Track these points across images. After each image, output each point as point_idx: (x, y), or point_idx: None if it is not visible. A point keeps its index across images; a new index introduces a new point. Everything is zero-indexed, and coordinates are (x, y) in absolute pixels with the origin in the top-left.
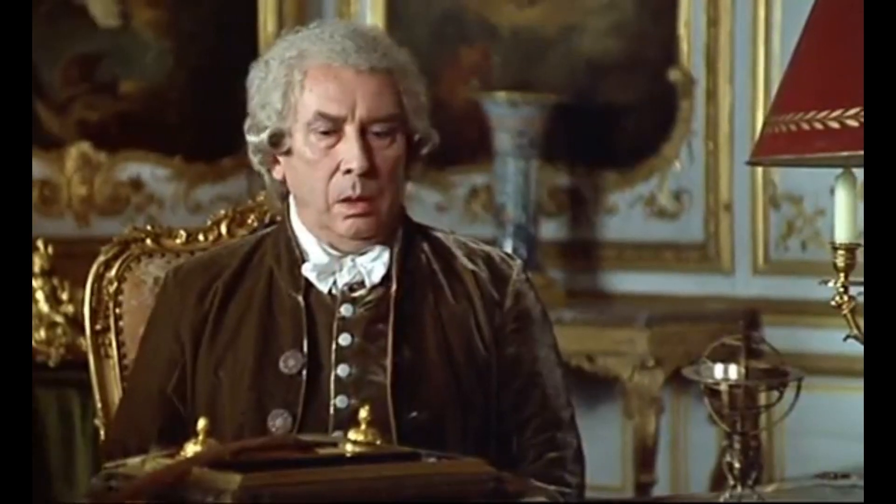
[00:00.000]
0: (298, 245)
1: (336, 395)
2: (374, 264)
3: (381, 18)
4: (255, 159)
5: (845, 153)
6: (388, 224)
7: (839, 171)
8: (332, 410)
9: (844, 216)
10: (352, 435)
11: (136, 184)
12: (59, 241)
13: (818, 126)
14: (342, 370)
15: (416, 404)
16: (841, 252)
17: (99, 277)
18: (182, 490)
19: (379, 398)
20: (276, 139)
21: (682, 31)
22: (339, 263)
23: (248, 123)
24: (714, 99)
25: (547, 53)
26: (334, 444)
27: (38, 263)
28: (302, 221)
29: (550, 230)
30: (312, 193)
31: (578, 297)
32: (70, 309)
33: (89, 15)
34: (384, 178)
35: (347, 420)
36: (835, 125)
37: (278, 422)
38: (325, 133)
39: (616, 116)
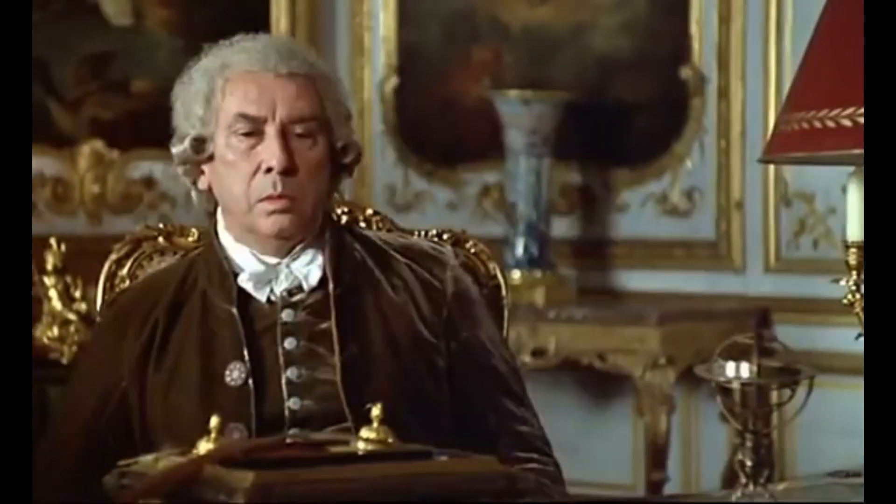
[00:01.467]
0: (227, 258)
1: (289, 397)
2: (309, 268)
3: (392, 17)
4: (180, 171)
5: (857, 151)
6: (312, 225)
7: (851, 168)
8: (286, 413)
9: (856, 214)
10: (364, 433)
11: (149, 182)
12: (72, 238)
13: (830, 124)
14: (292, 373)
15: (367, 398)
16: (853, 250)
17: (111, 275)
18: (195, 488)
19: (331, 395)
20: (198, 145)
21: (693, 29)
22: (275, 271)
23: (172, 140)
24: (726, 97)
25: (558, 51)
26: (346, 443)
27: (50, 261)
28: (232, 233)
29: (562, 228)
30: (234, 195)
31: (590, 295)
32: (83, 307)
33: (102, 13)
34: (305, 177)
35: (303, 420)
36: (847, 123)
37: (235, 435)
38: (246, 135)
39: (627, 114)
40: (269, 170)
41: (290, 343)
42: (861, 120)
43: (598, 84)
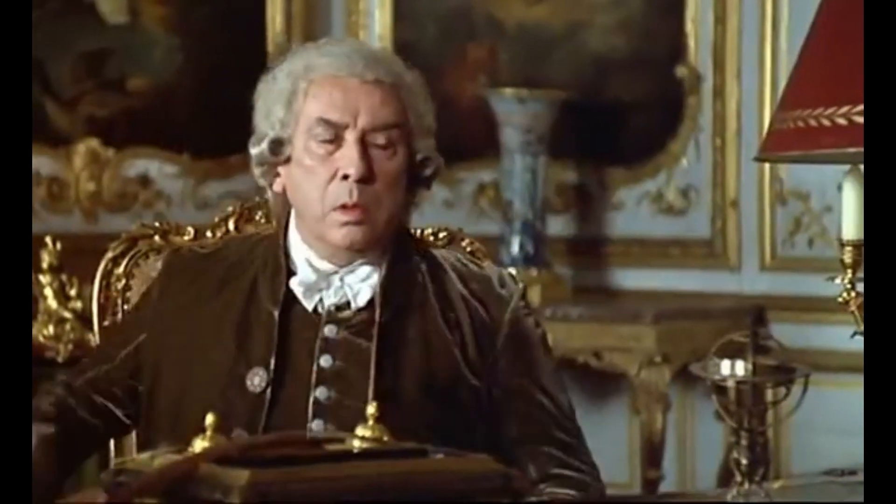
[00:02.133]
0: (287, 256)
1: (313, 418)
2: (361, 285)
3: (388, 15)
4: (257, 172)
5: (853, 150)
6: (383, 238)
7: (847, 167)
8: (307, 435)
9: (852, 213)
10: (359, 431)
11: (144, 180)
12: (68, 237)
13: (826, 122)
14: (321, 393)
15: (395, 434)
16: (848, 248)
17: (107, 274)
18: (190, 486)
19: (356, 423)
20: (276, 147)
21: (689, 27)
22: (327, 281)
23: (252, 140)
24: (721, 96)
25: (554, 50)
26: (342, 441)
27: (46, 259)
28: (300, 234)
29: (557, 226)
30: (308, 201)
31: (586, 293)
32: (78, 305)
33: (98, 11)
34: (382, 187)
35: None
36: (842, 122)
37: None
38: (326, 141)
39: (623, 113)
40: (345, 177)
41: (325, 361)
42: (857, 118)
43: (594, 82)
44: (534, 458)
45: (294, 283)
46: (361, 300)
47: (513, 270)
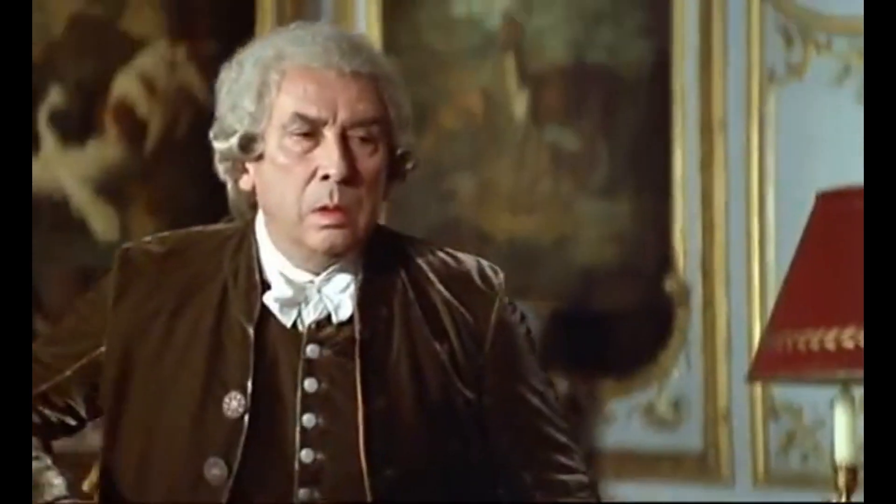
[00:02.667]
0: (260, 266)
1: (301, 447)
2: (341, 297)
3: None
4: (221, 168)
5: (843, 373)
6: (363, 242)
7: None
8: (297, 466)
9: (844, 434)
10: None
11: None
12: None
13: (814, 347)
14: (308, 420)
15: (390, 460)
16: (842, 472)
17: None
18: None
19: (348, 453)
20: (247, 143)
21: (676, 239)
22: (305, 295)
23: (214, 129)
24: (711, 308)
25: (542, 262)
26: None
27: None
28: (270, 236)
29: None
30: (283, 203)
31: None
32: None
33: (89, 229)
34: (364, 187)
35: (314, 475)
36: (831, 346)
37: (214, 471)
38: (302, 136)
39: (612, 324)
40: (325, 177)
41: (310, 385)
42: (846, 342)
43: (582, 294)
44: (529, 465)
45: (269, 299)
46: (343, 314)
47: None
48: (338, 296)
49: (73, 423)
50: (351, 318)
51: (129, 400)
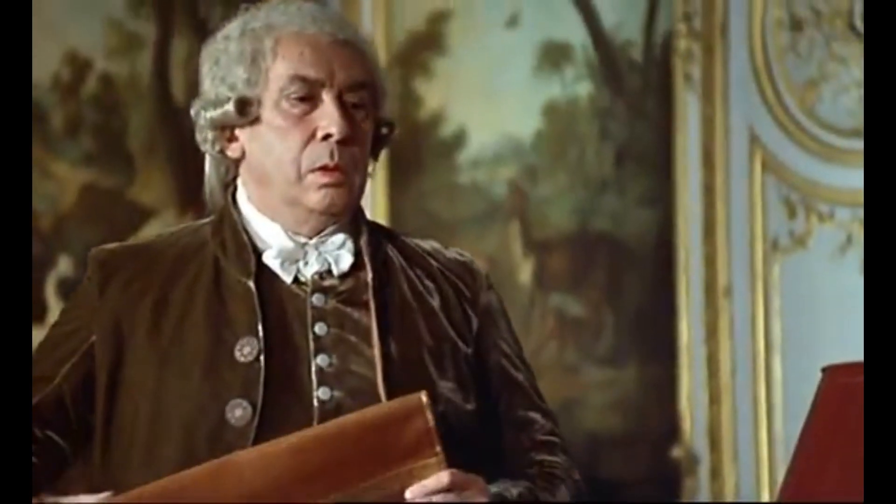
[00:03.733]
0: (247, 230)
1: (318, 386)
2: (340, 252)
3: None
4: (209, 137)
5: None
6: (355, 206)
7: None
8: (315, 402)
9: None
10: None
11: None
12: None
13: None
14: (322, 360)
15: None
16: None
17: None
18: None
19: (364, 390)
20: (243, 107)
21: (683, 407)
22: (303, 251)
23: (198, 104)
24: (718, 478)
25: None
26: None
27: None
28: (257, 206)
29: None
30: (281, 165)
31: None
32: None
33: None
34: (360, 149)
35: (332, 412)
36: None
37: (237, 412)
38: (300, 99)
39: (618, 492)
40: (325, 137)
41: (320, 328)
42: None
43: (589, 461)
44: (525, 426)
45: (268, 258)
46: (344, 265)
47: None
48: (336, 251)
49: (63, 445)
50: (351, 271)
51: (126, 377)
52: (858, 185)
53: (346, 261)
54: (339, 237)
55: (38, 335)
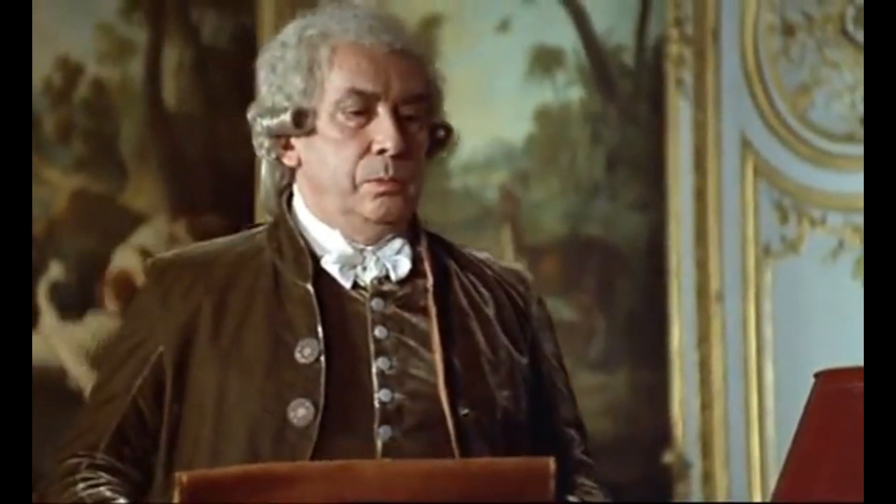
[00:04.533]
0: (304, 235)
1: (379, 388)
2: (398, 258)
3: None
4: (265, 144)
5: None
6: (410, 214)
7: None
8: (376, 404)
9: None
10: None
11: None
12: None
13: None
14: (383, 363)
15: (465, 402)
16: None
17: None
18: None
19: (425, 394)
20: (300, 118)
21: (675, 412)
22: (362, 256)
23: (255, 110)
24: (710, 483)
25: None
26: None
27: None
28: (314, 212)
29: None
30: (336, 176)
31: None
32: None
33: (85, 401)
34: (415, 162)
35: (393, 414)
36: None
37: (300, 412)
38: (356, 113)
39: (611, 498)
40: (380, 151)
41: (380, 332)
42: None
43: None
44: (568, 444)
45: (327, 262)
46: (402, 270)
47: None
48: (394, 257)
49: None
50: (408, 276)
51: (191, 381)
52: (850, 190)
53: (405, 266)
54: (397, 243)
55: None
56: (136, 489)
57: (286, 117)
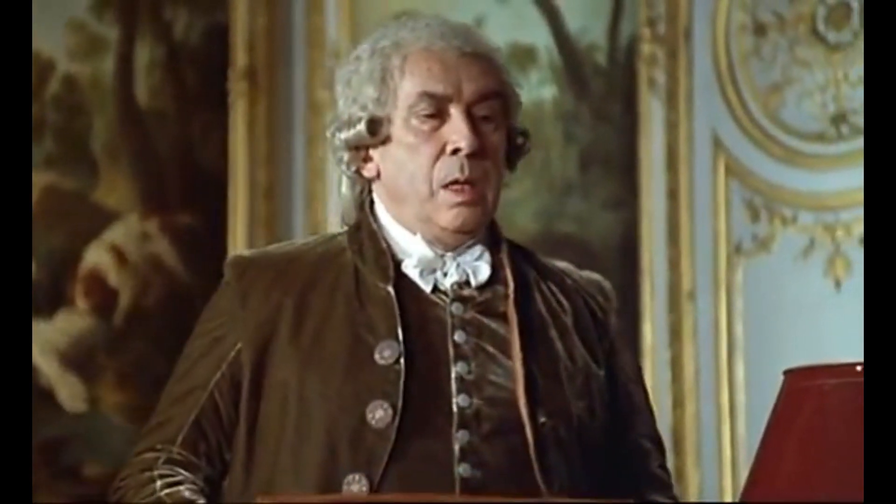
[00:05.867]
0: (386, 238)
1: (458, 393)
2: (478, 263)
3: None
4: (344, 157)
5: None
6: (488, 220)
7: None
8: (454, 408)
9: None
10: None
11: None
12: None
13: None
14: (462, 368)
15: (543, 410)
16: None
17: None
18: None
19: (502, 400)
20: (374, 127)
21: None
22: (442, 261)
23: (335, 124)
24: (682, 480)
25: None
26: None
27: None
28: (396, 219)
29: None
30: (413, 181)
31: None
32: None
33: (56, 399)
34: (491, 161)
35: (472, 418)
36: None
37: (378, 413)
38: (429, 116)
39: None
40: (454, 151)
41: (460, 337)
42: None
43: None
44: (645, 457)
45: (408, 266)
46: (482, 276)
47: None
48: (474, 262)
49: (225, 454)
50: (489, 282)
51: (271, 380)
52: (822, 189)
53: (484, 272)
54: (478, 249)
55: None
56: (209, 484)
57: (361, 127)
